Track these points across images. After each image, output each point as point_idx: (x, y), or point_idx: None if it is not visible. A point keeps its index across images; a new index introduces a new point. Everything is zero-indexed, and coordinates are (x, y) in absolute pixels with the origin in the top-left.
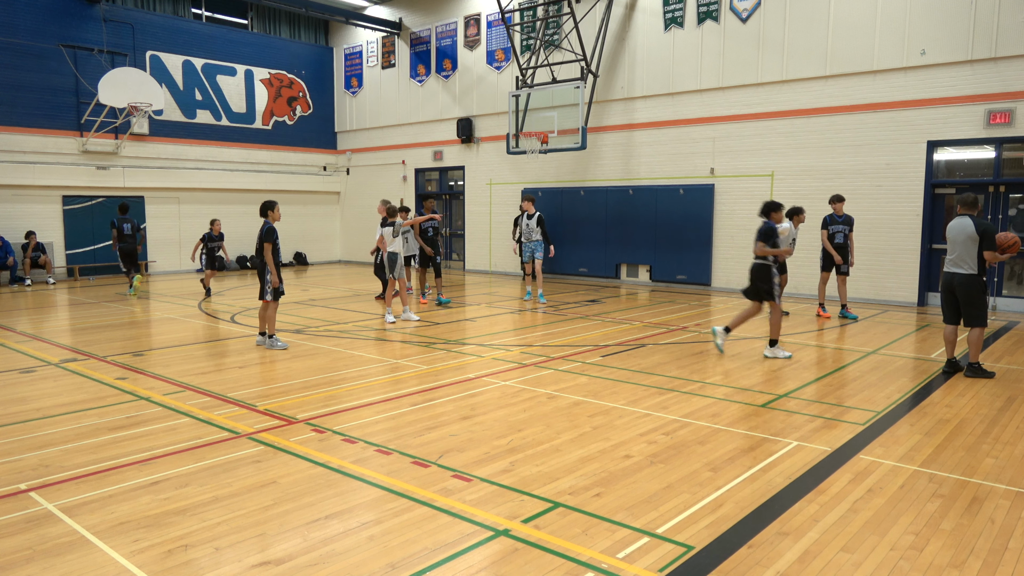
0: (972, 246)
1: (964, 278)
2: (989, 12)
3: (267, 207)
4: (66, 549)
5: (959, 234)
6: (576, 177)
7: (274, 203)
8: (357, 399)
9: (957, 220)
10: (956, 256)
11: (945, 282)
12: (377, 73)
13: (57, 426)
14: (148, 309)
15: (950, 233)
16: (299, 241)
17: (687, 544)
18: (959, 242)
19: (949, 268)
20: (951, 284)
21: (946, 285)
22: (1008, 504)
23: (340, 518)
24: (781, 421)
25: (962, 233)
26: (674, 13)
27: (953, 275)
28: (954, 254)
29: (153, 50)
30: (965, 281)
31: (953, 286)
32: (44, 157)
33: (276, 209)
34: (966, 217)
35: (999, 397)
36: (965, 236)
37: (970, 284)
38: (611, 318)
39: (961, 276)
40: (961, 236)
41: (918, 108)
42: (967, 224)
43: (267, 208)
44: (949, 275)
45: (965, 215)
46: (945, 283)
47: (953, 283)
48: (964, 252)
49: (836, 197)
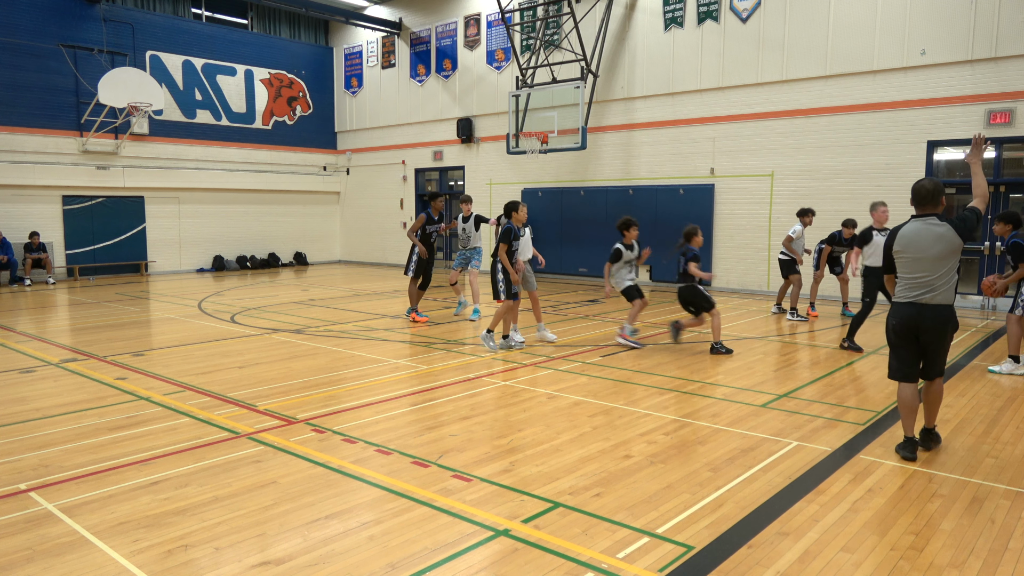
0: (951, 261)
1: (939, 312)
2: (989, 12)
3: (511, 208)
4: (66, 549)
5: (929, 246)
6: (576, 177)
7: (517, 204)
8: (357, 399)
9: (917, 227)
10: (924, 278)
11: (907, 320)
12: (377, 73)
13: (57, 426)
14: (148, 309)
15: (908, 247)
16: (299, 241)
17: (687, 544)
18: (928, 259)
19: (913, 297)
20: (917, 322)
21: (908, 324)
22: (1008, 504)
23: (340, 518)
24: (781, 421)
25: (934, 245)
26: (674, 13)
27: (922, 308)
28: (919, 275)
29: (153, 50)
30: (941, 316)
31: (921, 325)
32: (44, 157)
33: (520, 210)
34: (931, 220)
35: (999, 397)
36: (941, 249)
37: (947, 320)
38: (611, 318)
39: (934, 309)
40: (933, 250)
41: (918, 108)
42: (939, 231)
43: (511, 209)
44: (915, 308)
45: (927, 217)
46: (907, 321)
47: (921, 320)
48: (937, 272)
49: (849, 222)
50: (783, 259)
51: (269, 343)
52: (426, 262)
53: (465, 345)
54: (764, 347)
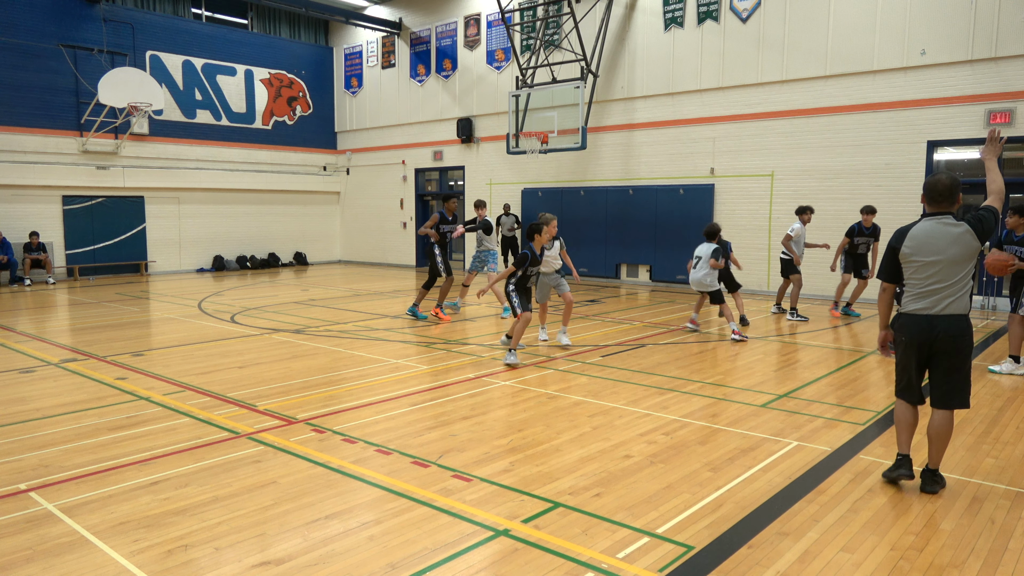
0: (967, 265)
1: (954, 323)
2: (989, 12)
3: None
4: (66, 549)
5: (945, 248)
6: (576, 177)
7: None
8: (357, 399)
9: (930, 227)
10: (936, 285)
11: (918, 335)
12: (377, 73)
13: (57, 426)
14: (148, 309)
15: (921, 250)
16: (299, 241)
17: (687, 544)
18: (943, 263)
19: (923, 308)
20: (930, 336)
21: (921, 336)
22: (1008, 504)
23: (340, 518)
24: (781, 421)
25: (951, 247)
26: (674, 13)
27: (934, 320)
28: (932, 282)
29: (153, 50)
30: (956, 327)
31: (935, 340)
32: (44, 157)
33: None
34: (947, 219)
35: (999, 397)
36: (957, 252)
37: (963, 332)
38: (611, 318)
39: (948, 320)
40: (949, 252)
41: (918, 108)
42: (956, 232)
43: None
44: (927, 321)
45: (941, 215)
46: (918, 337)
47: (935, 334)
48: (952, 278)
49: (868, 208)
50: (784, 259)
51: (269, 343)
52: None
53: (466, 345)
54: (764, 347)
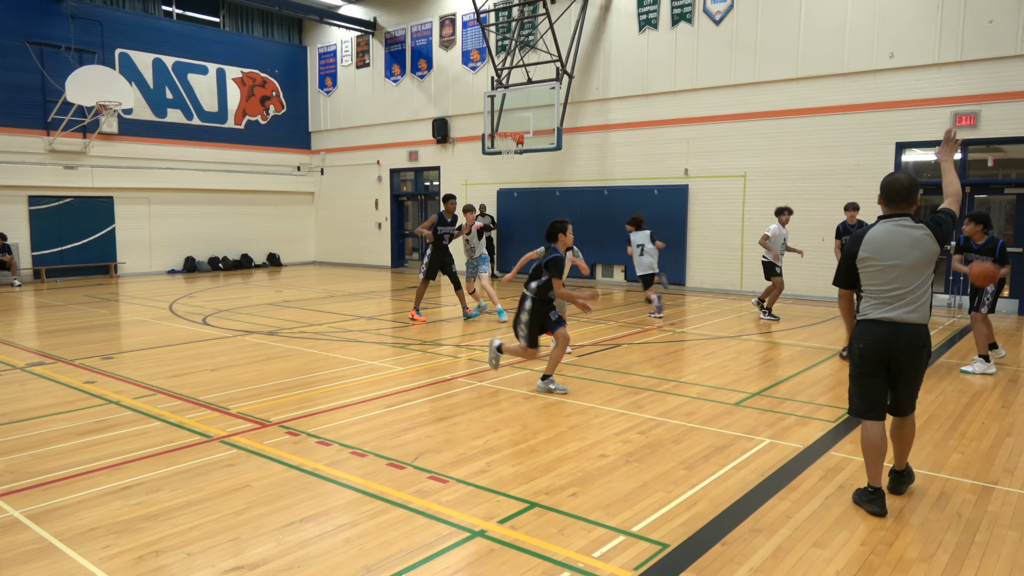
0: (927, 270)
1: (916, 332)
2: (955, 16)
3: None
4: (34, 557)
5: (905, 252)
6: (552, 178)
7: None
8: (332, 401)
9: (888, 229)
10: (896, 291)
11: (878, 342)
12: (352, 73)
13: (24, 431)
14: (118, 311)
15: (879, 253)
16: (272, 242)
17: (662, 542)
18: (903, 268)
19: (884, 314)
20: (890, 344)
21: (879, 347)
22: (974, 499)
23: (315, 521)
24: (754, 419)
25: (911, 251)
26: (648, 15)
27: (896, 328)
28: (891, 287)
29: (122, 48)
30: (918, 337)
31: (894, 349)
32: (9, 156)
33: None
34: (905, 221)
35: (965, 394)
36: (917, 256)
37: (923, 343)
38: (587, 318)
39: (910, 329)
40: (909, 256)
41: (887, 110)
42: (916, 235)
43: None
44: (887, 328)
45: (900, 217)
46: (878, 344)
47: (895, 343)
48: (912, 283)
49: (851, 205)
50: (764, 261)
51: (242, 345)
52: (440, 263)
53: (441, 346)
54: (737, 346)
